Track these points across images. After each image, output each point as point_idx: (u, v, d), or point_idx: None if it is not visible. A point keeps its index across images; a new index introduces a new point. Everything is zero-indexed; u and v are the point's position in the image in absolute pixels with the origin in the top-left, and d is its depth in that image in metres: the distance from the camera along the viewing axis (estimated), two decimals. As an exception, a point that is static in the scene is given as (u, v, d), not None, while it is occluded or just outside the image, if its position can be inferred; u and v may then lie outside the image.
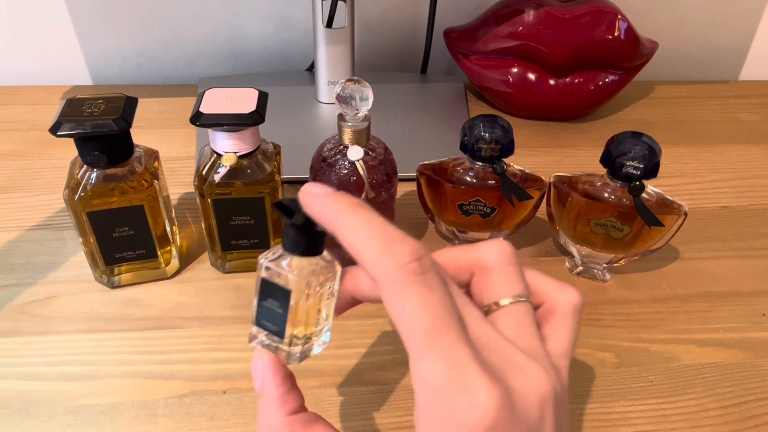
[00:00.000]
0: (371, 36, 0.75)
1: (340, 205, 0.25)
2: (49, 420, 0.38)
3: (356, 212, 0.24)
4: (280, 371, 0.28)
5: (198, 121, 0.41)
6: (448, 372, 0.22)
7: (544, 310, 0.28)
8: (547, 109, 0.68)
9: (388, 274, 0.23)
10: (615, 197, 0.45)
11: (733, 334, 0.46)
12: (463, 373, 0.22)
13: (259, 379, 0.28)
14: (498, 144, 0.44)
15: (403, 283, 0.23)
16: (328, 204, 0.25)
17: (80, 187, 0.41)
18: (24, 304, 0.45)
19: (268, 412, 0.27)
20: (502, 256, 0.27)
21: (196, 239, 0.51)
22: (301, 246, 0.27)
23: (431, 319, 0.22)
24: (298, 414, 0.27)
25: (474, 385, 0.22)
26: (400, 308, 0.23)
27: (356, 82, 0.40)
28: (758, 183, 0.61)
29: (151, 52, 0.73)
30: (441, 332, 0.22)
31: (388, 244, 0.23)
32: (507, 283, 0.26)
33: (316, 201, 0.25)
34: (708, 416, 0.40)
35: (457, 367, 0.22)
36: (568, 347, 0.27)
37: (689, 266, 0.51)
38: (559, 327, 0.27)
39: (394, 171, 0.45)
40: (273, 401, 0.27)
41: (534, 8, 0.63)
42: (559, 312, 0.28)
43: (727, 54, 0.80)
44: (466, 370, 0.22)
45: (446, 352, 0.22)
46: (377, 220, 0.24)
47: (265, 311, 0.27)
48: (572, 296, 0.28)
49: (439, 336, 0.22)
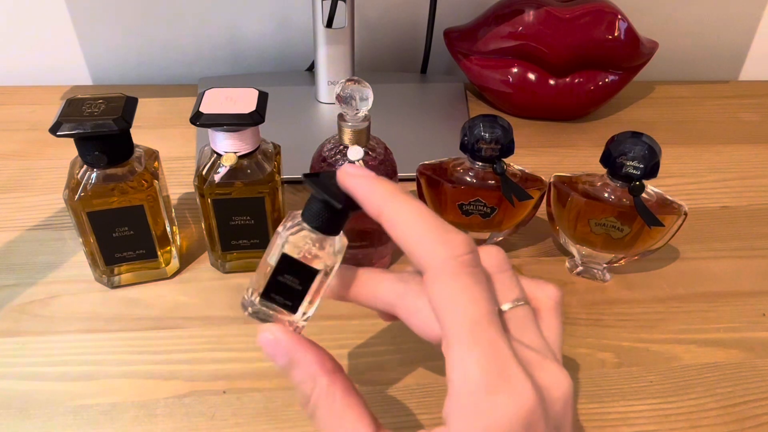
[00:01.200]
0: (371, 36, 0.75)
1: (390, 190, 0.25)
2: (49, 420, 0.38)
3: (408, 200, 0.25)
4: (300, 337, 0.27)
5: (198, 121, 0.41)
6: (491, 365, 0.22)
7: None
8: (547, 109, 0.68)
9: (442, 262, 0.23)
10: (615, 197, 0.45)
11: (733, 334, 0.46)
12: (504, 367, 0.22)
13: (281, 351, 0.27)
14: (498, 144, 0.44)
15: (456, 273, 0.23)
16: (378, 188, 0.25)
17: (80, 187, 0.41)
18: (24, 304, 0.45)
19: (309, 377, 0.26)
20: (496, 262, 0.27)
21: (196, 239, 0.51)
22: (330, 225, 0.26)
23: (478, 312, 0.23)
24: (338, 373, 0.26)
25: (514, 378, 0.22)
26: (449, 297, 0.23)
27: (356, 82, 0.40)
28: (758, 183, 0.61)
29: (151, 52, 0.73)
30: (486, 327, 0.23)
31: (444, 233, 0.24)
32: (505, 288, 0.27)
33: (363, 183, 0.25)
34: (708, 416, 0.40)
35: (499, 361, 0.22)
36: (559, 341, 0.27)
37: (689, 266, 0.51)
38: (547, 323, 0.28)
39: (394, 171, 0.45)
40: (311, 365, 0.26)
41: (534, 8, 0.63)
42: (543, 308, 0.28)
43: (727, 54, 0.80)
44: (507, 364, 0.22)
45: (490, 346, 0.22)
46: (429, 210, 0.25)
47: (278, 285, 0.27)
48: (552, 292, 0.29)
49: (484, 330, 0.23)
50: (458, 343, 0.23)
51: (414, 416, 0.39)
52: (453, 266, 0.23)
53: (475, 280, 0.23)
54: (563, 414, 0.23)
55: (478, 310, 0.23)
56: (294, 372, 0.26)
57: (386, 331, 0.44)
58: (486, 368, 0.22)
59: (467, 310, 0.23)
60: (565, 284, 0.49)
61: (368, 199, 0.25)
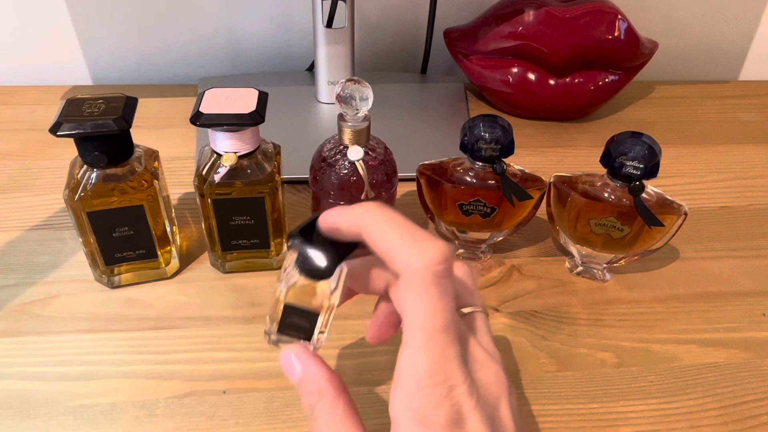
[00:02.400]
0: (371, 36, 0.75)
1: (366, 207, 0.27)
2: (49, 420, 0.38)
3: (384, 211, 0.27)
4: (318, 358, 0.29)
5: (198, 121, 0.41)
6: (435, 367, 0.25)
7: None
8: (547, 109, 0.68)
9: (415, 272, 0.25)
10: (615, 197, 0.45)
11: (733, 334, 0.46)
12: (446, 370, 0.25)
13: (298, 368, 0.29)
14: (498, 144, 0.44)
15: (426, 283, 0.25)
16: (354, 210, 0.27)
17: (80, 187, 0.41)
18: (24, 304, 0.45)
19: (318, 393, 0.28)
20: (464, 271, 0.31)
21: (196, 239, 0.51)
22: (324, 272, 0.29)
23: (437, 322, 0.25)
24: (345, 395, 0.29)
25: (453, 378, 0.25)
26: (415, 306, 0.26)
27: (356, 82, 0.40)
28: (758, 183, 0.61)
29: (151, 52, 0.73)
30: (440, 335, 0.25)
31: (419, 241, 0.26)
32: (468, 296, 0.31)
33: (340, 215, 0.28)
34: (708, 416, 0.40)
35: (444, 365, 0.25)
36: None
37: (689, 266, 0.51)
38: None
39: (394, 171, 0.45)
40: (322, 381, 0.28)
41: (534, 8, 0.63)
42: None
43: (727, 54, 0.80)
44: (450, 367, 0.25)
45: (439, 352, 0.25)
46: (404, 218, 0.27)
47: (289, 325, 0.30)
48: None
49: (437, 338, 0.25)
50: (411, 344, 0.26)
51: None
52: (425, 276, 0.25)
53: (441, 292, 0.25)
54: (496, 407, 0.27)
55: (437, 321, 0.25)
56: (304, 386, 0.29)
57: (386, 331, 0.44)
58: (429, 370, 0.25)
59: (428, 320, 0.25)
60: (565, 284, 0.49)
61: (348, 225, 0.27)
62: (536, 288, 0.49)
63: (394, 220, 0.26)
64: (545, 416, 0.39)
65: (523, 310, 0.47)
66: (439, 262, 0.25)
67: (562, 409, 0.40)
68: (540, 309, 0.47)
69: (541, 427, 0.39)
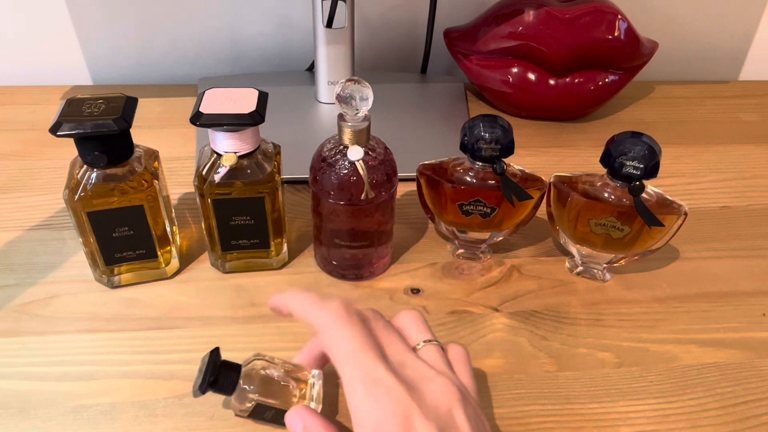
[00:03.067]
0: (371, 36, 0.75)
1: (288, 296, 0.35)
2: (49, 420, 0.38)
3: (298, 293, 0.34)
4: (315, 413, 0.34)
5: (198, 121, 0.41)
6: (368, 377, 0.30)
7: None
8: (547, 109, 0.68)
9: (324, 321, 0.32)
10: (615, 197, 0.45)
11: (733, 334, 0.46)
12: (378, 378, 0.30)
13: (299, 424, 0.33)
14: (498, 144, 0.44)
15: (335, 325, 0.32)
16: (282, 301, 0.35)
17: (80, 187, 0.41)
18: (24, 304, 0.45)
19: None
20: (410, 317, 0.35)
21: (196, 239, 0.51)
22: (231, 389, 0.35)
23: (356, 344, 0.31)
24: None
25: (388, 384, 0.29)
26: (335, 342, 0.31)
27: (356, 82, 0.40)
28: (758, 183, 0.61)
29: (151, 52, 0.73)
30: (363, 352, 0.30)
31: (321, 302, 0.33)
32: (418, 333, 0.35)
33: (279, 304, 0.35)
34: (708, 416, 0.40)
35: (376, 374, 0.30)
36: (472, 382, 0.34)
37: (689, 266, 0.51)
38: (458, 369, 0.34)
39: (394, 171, 0.45)
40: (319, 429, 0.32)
41: (534, 8, 0.63)
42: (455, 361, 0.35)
43: (727, 54, 0.80)
44: (381, 375, 0.30)
45: (368, 365, 0.30)
46: (312, 294, 0.34)
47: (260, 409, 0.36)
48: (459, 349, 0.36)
49: (362, 355, 0.30)
50: (345, 369, 0.30)
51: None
52: (331, 321, 0.32)
53: (350, 324, 0.31)
54: (447, 417, 0.29)
55: (356, 343, 0.31)
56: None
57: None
58: (364, 380, 0.30)
59: (348, 346, 0.31)
60: (565, 284, 0.49)
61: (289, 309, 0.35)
62: (536, 288, 0.49)
63: (303, 295, 0.34)
64: (545, 416, 0.39)
65: (523, 310, 0.47)
66: (337, 309, 0.32)
67: (562, 409, 0.40)
68: (540, 309, 0.47)
69: (541, 427, 0.39)
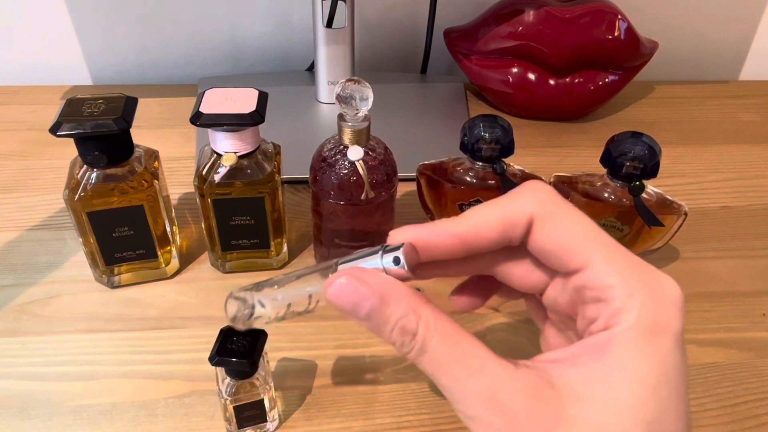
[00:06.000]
0: (371, 36, 0.75)
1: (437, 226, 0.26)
2: (49, 420, 0.38)
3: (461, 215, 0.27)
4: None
5: (198, 121, 0.41)
6: (639, 266, 0.24)
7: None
8: (547, 109, 0.68)
9: (547, 206, 0.25)
10: (615, 197, 0.45)
11: (733, 334, 0.46)
12: (650, 270, 0.24)
13: (368, 292, 0.24)
14: (498, 144, 0.44)
15: (565, 210, 0.25)
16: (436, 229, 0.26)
17: (80, 187, 0.41)
18: (24, 304, 0.45)
19: (411, 310, 0.24)
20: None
21: (196, 239, 0.51)
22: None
23: (598, 236, 0.24)
24: (433, 303, 0.25)
25: (662, 276, 0.24)
26: (573, 228, 0.25)
27: (356, 82, 0.40)
28: (758, 183, 0.61)
29: (151, 52, 0.73)
30: (615, 243, 0.24)
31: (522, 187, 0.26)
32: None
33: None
34: (708, 416, 0.40)
35: (644, 267, 0.24)
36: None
37: (689, 266, 0.51)
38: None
39: (394, 171, 0.45)
40: (410, 296, 0.24)
41: (534, 8, 0.63)
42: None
43: (727, 54, 0.80)
44: (650, 268, 0.24)
45: (628, 255, 0.24)
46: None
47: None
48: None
49: (616, 245, 0.24)
50: (604, 256, 0.24)
51: (414, 416, 0.39)
52: (557, 205, 0.25)
53: (576, 209, 0.25)
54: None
55: (600, 232, 0.24)
56: (390, 309, 0.24)
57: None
58: (636, 269, 0.24)
59: (594, 232, 0.24)
60: (565, 284, 0.49)
61: (439, 244, 0.26)
62: (536, 288, 0.49)
63: (476, 207, 0.27)
64: (545, 416, 0.39)
65: (523, 310, 0.47)
66: (553, 192, 0.25)
67: (562, 409, 0.40)
68: (540, 309, 0.47)
69: (541, 427, 0.39)
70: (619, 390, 0.22)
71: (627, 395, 0.22)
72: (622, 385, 0.22)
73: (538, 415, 0.22)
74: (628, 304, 0.23)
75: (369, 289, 0.24)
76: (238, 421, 0.37)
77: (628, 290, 0.23)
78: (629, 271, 0.24)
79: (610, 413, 0.22)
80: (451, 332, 0.24)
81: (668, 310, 0.23)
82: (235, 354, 0.34)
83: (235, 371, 0.35)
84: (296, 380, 0.41)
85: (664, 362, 0.22)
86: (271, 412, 0.37)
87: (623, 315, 0.23)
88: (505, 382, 0.23)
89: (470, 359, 0.23)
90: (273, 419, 0.38)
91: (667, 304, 0.23)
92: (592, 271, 0.24)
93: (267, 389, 0.36)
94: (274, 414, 0.38)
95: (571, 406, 0.22)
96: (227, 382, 0.36)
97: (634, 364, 0.22)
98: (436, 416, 0.39)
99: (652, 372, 0.22)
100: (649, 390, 0.22)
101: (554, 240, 0.25)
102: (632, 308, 0.23)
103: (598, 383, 0.22)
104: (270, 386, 0.37)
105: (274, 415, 0.38)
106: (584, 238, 0.24)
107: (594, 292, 0.24)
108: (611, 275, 0.23)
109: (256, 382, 0.36)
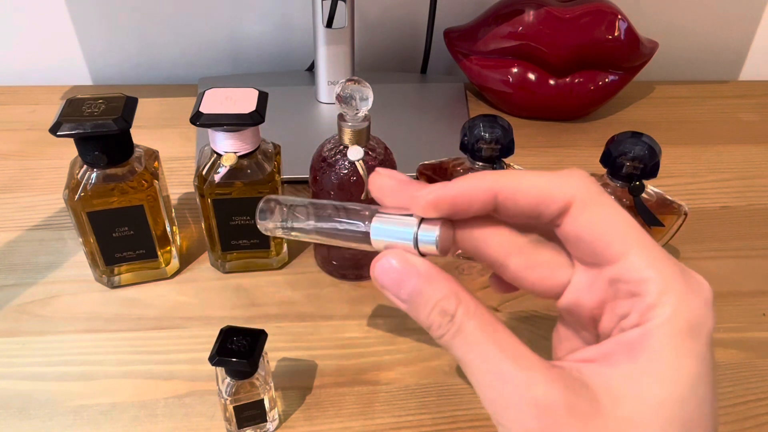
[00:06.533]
0: (371, 36, 0.75)
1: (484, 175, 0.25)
2: (49, 420, 0.38)
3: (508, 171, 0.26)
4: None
5: (198, 121, 0.41)
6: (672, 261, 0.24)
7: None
8: (547, 109, 0.68)
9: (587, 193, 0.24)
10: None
11: (733, 334, 0.46)
12: (683, 268, 0.24)
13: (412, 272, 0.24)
14: (498, 144, 0.44)
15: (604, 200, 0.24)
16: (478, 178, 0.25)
17: (80, 187, 0.41)
18: (24, 304, 0.45)
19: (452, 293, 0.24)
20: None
21: (196, 239, 0.51)
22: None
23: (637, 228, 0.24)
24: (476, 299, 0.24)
25: (695, 274, 0.24)
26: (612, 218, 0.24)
27: (356, 82, 0.40)
28: (758, 183, 0.61)
29: (151, 52, 0.73)
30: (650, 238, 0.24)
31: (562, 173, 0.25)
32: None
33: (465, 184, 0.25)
34: (708, 416, 0.40)
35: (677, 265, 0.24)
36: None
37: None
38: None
39: (394, 171, 0.45)
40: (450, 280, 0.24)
41: (534, 8, 0.63)
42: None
43: (727, 54, 0.80)
44: (682, 265, 0.24)
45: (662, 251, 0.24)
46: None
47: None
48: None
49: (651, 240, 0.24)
50: (642, 249, 0.23)
51: (414, 416, 0.39)
52: (599, 192, 0.24)
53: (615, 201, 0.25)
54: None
55: (638, 226, 0.24)
56: (431, 290, 0.24)
57: (386, 331, 0.44)
58: (671, 265, 0.23)
59: (633, 225, 0.24)
60: (565, 284, 0.49)
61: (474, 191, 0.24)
62: (536, 288, 0.49)
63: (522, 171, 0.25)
64: (545, 416, 0.39)
65: (523, 309, 0.47)
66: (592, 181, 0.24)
67: (562, 409, 0.40)
68: (540, 309, 0.47)
69: (541, 427, 0.39)
70: (658, 389, 0.22)
71: (665, 394, 0.22)
72: (661, 384, 0.22)
73: (575, 410, 0.22)
74: (663, 300, 0.23)
75: (414, 270, 0.24)
76: (238, 421, 0.37)
77: (664, 285, 0.23)
78: (664, 267, 0.23)
79: (648, 412, 0.22)
80: (490, 320, 0.24)
81: (702, 308, 0.23)
82: (235, 354, 0.34)
83: (235, 371, 0.35)
84: (296, 380, 0.41)
85: (701, 361, 0.22)
86: (271, 412, 0.37)
87: (658, 310, 0.23)
88: (541, 372, 0.23)
89: (506, 345, 0.24)
90: (273, 419, 0.38)
91: (700, 302, 0.23)
92: (628, 262, 0.24)
93: (267, 389, 0.36)
94: (274, 414, 0.38)
95: (608, 405, 0.22)
96: (227, 382, 0.36)
97: (672, 362, 0.22)
98: (437, 416, 0.39)
99: (690, 371, 0.22)
100: (688, 389, 0.22)
101: (593, 227, 0.24)
102: (667, 304, 0.23)
103: (635, 382, 0.22)
104: (270, 386, 0.37)
105: (274, 415, 0.38)
106: (624, 229, 0.24)
107: (629, 285, 0.23)
108: (647, 269, 0.23)
109: (256, 382, 0.36)
